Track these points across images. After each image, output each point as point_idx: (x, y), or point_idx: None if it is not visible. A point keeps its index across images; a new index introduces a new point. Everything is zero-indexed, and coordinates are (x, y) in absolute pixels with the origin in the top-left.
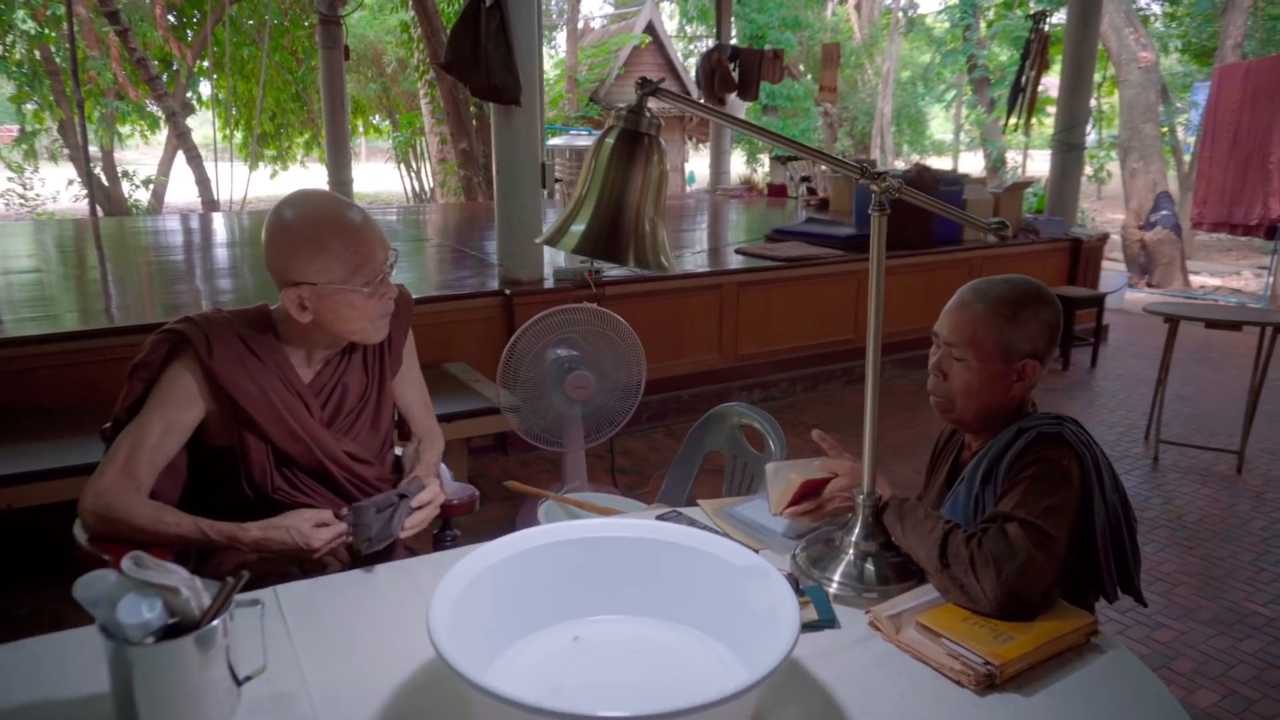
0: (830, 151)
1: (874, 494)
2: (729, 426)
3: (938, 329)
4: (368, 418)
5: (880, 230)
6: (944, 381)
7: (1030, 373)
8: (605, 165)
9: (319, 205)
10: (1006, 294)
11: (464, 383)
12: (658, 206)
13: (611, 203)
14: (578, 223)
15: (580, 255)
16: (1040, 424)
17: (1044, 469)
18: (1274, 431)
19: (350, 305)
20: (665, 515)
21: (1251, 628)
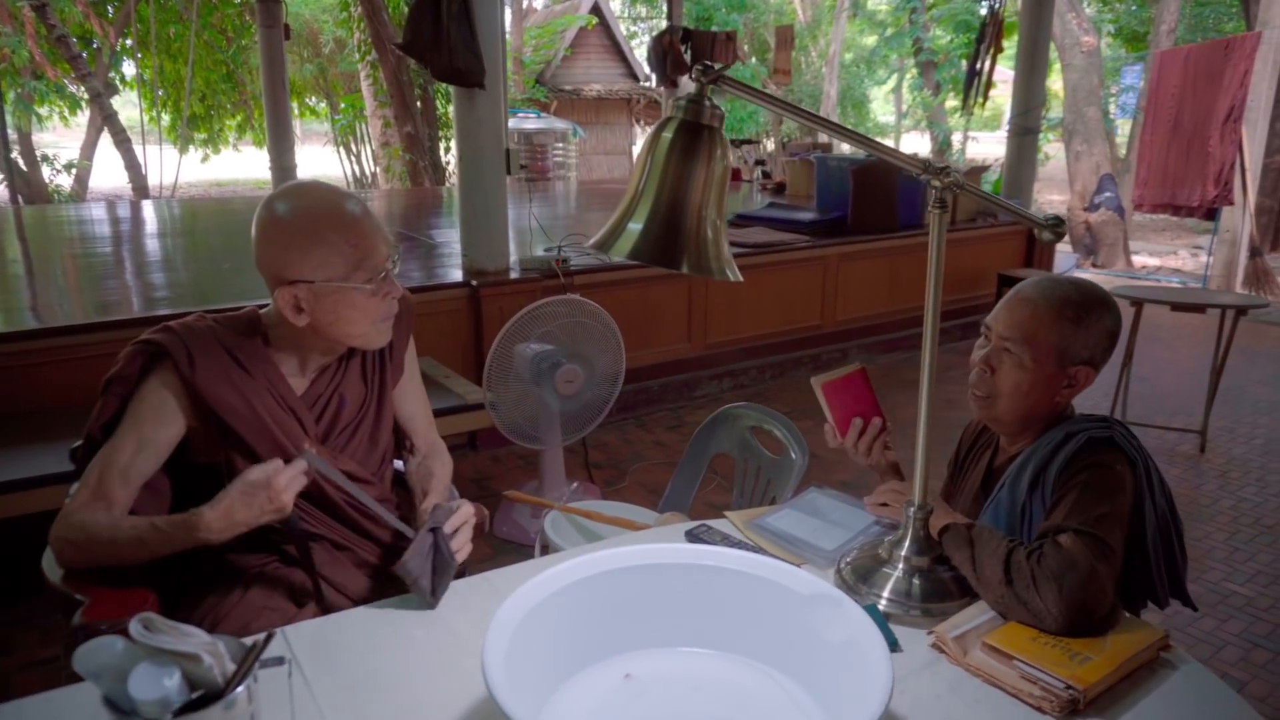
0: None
1: (925, 506)
2: (739, 429)
3: (991, 321)
4: (366, 432)
5: (939, 229)
6: (990, 377)
7: (1082, 381)
8: (663, 161)
9: (315, 196)
10: (1072, 295)
11: (432, 379)
12: (720, 208)
13: (670, 203)
14: (632, 225)
15: (635, 260)
16: (1090, 428)
17: (1097, 475)
18: (1231, 410)
19: (351, 305)
20: (695, 530)
21: (1233, 608)
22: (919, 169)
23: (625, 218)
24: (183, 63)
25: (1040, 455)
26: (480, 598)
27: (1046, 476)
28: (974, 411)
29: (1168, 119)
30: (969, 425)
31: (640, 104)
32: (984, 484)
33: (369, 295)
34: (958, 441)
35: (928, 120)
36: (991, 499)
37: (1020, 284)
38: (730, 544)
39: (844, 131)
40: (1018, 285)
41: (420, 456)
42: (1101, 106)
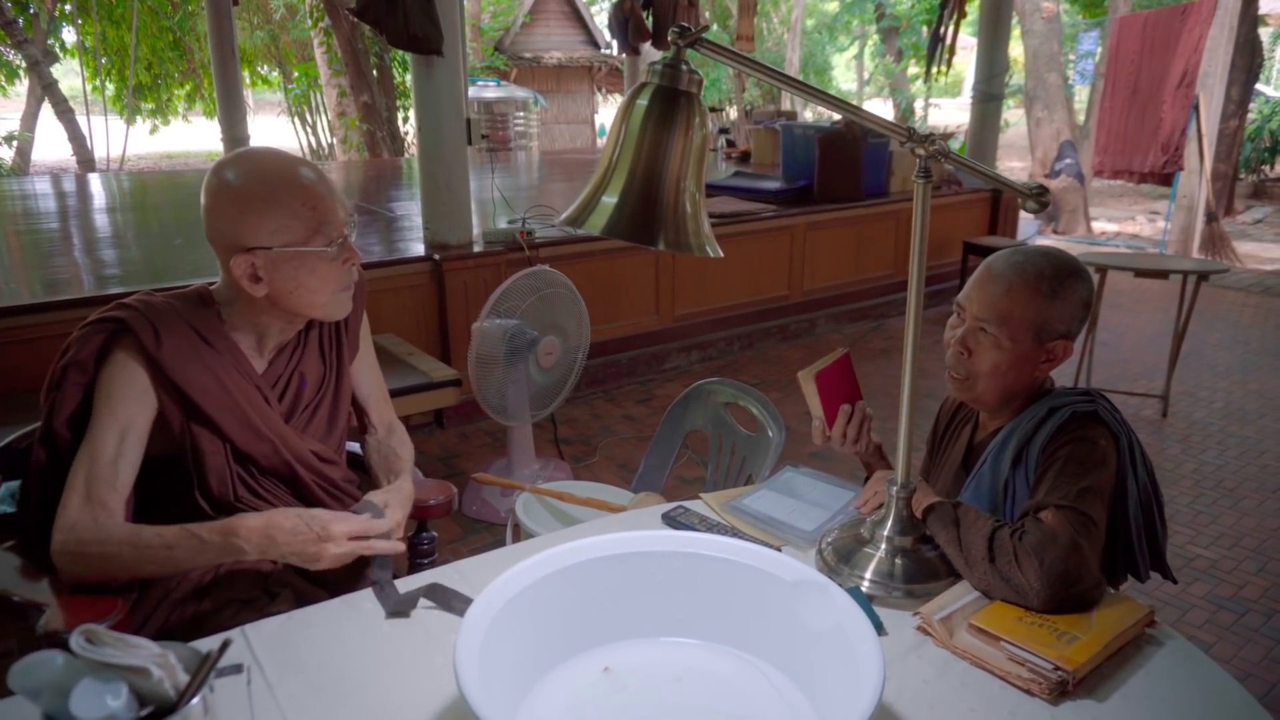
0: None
1: (908, 484)
2: (713, 405)
3: (964, 301)
4: (326, 411)
5: (924, 198)
6: (968, 359)
7: (1061, 354)
8: (638, 130)
9: (268, 160)
10: (1046, 269)
11: (396, 356)
12: (699, 179)
13: (646, 175)
14: (606, 199)
15: (610, 237)
16: (1074, 402)
17: (1079, 449)
18: (1191, 374)
19: (311, 272)
20: (672, 513)
21: (1199, 571)
22: (903, 136)
23: (598, 191)
24: (126, 29)
25: (1023, 431)
26: (451, 588)
27: (1029, 452)
28: (953, 392)
29: (1126, 85)
30: (946, 400)
31: (602, 72)
32: (965, 461)
33: (329, 261)
34: (935, 417)
35: (890, 87)
36: (973, 476)
37: (990, 259)
38: (708, 527)
39: (827, 98)
40: (988, 261)
41: (379, 436)
42: (1062, 73)
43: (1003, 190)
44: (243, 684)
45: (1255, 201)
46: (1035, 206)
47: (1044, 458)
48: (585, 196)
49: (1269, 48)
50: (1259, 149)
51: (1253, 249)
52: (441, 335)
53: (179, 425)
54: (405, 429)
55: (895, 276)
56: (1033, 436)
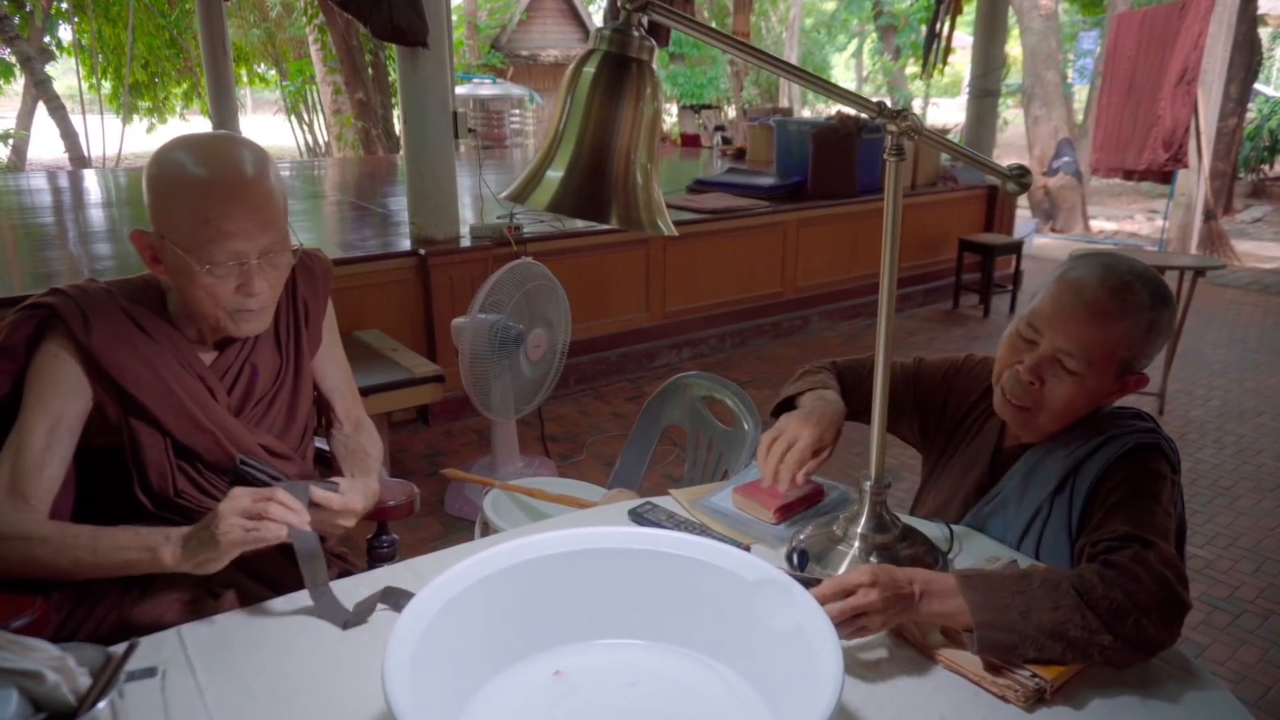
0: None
1: (881, 479)
2: (690, 399)
3: (1041, 323)
4: (283, 405)
5: (896, 177)
6: (1036, 389)
7: (1134, 387)
8: (584, 100)
9: (206, 154)
10: (1146, 299)
11: (380, 352)
12: (651, 152)
13: (594, 147)
14: (551, 175)
15: (556, 212)
16: (1134, 430)
17: (1153, 484)
18: (1187, 373)
19: (190, 279)
20: (640, 509)
21: (1194, 570)
22: (873, 112)
23: (544, 164)
24: (123, 27)
25: (1074, 456)
26: (404, 590)
27: (1077, 481)
28: (1005, 418)
29: (1123, 82)
30: (951, 366)
31: None
32: (991, 469)
33: (212, 279)
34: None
35: (888, 85)
36: (996, 494)
37: (1076, 274)
38: (675, 524)
39: (786, 68)
40: (1072, 276)
41: (346, 431)
42: (1060, 70)
43: (984, 172)
44: (156, 688)
45: (1254, 200)
46: (1016, 187)
47: (1105, 491)
48: (530, 170)
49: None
50: (1258, 148)
51: (1251, 247)
52: (427, 331)
53: (116, 417)
54: (374, 426)
55: None
56: (1083, 464)
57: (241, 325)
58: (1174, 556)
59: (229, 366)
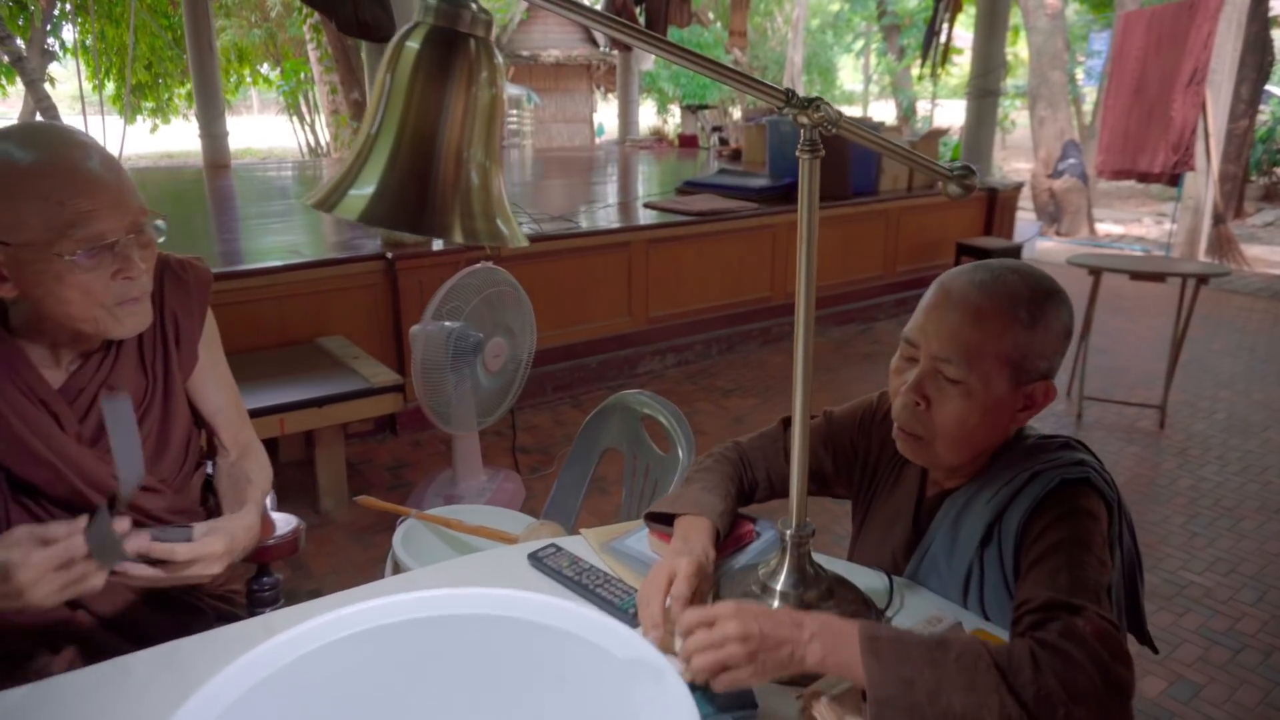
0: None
1: (804, 526)
2: (630, 419)
3: (915, 336)
4: (150, 432)
5: (811, 178)
6: (924, 411)
7: (1041, 399)
8: (406, 84)
9: (33, 140)
10: (1021, 289)
11: (340, 359)
12: (491, 148)
13: (416, 143)
14: (365, 175)
15: (370, 224)
16: (1059, 464)
17: (1080, 529)
18: (1191, 383)
19: (59, 280)
20: (540, 553)
21: (1191, 600)
22: (780, 100)
23: (357, 164)
24: (125, 28)
25: (997, 500)
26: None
27: (1003, 529)
28: (902, 451)
29: (1131, 83)
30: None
31: (600, 70)
32: (915, 520)
33: (86, 271)
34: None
35: (893, 86)
36: (923, 551)
37: (944, 278)
38: (576, 570)
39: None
40: (941, 281)
41: (231, 459)
42: (1066, 71)
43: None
44: None
45: (1266, 204)
46: (957, 189)
47: (1029, 541)
48: (341, 172)
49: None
50: (1270, 150)
51: (1261, 252)
52: (395, 337)
53: None
54: (264, 450)
55: (884, 278)
56: (1006, 508)
57: (126, 321)
58: (1107, 626)
59: (81, 390)
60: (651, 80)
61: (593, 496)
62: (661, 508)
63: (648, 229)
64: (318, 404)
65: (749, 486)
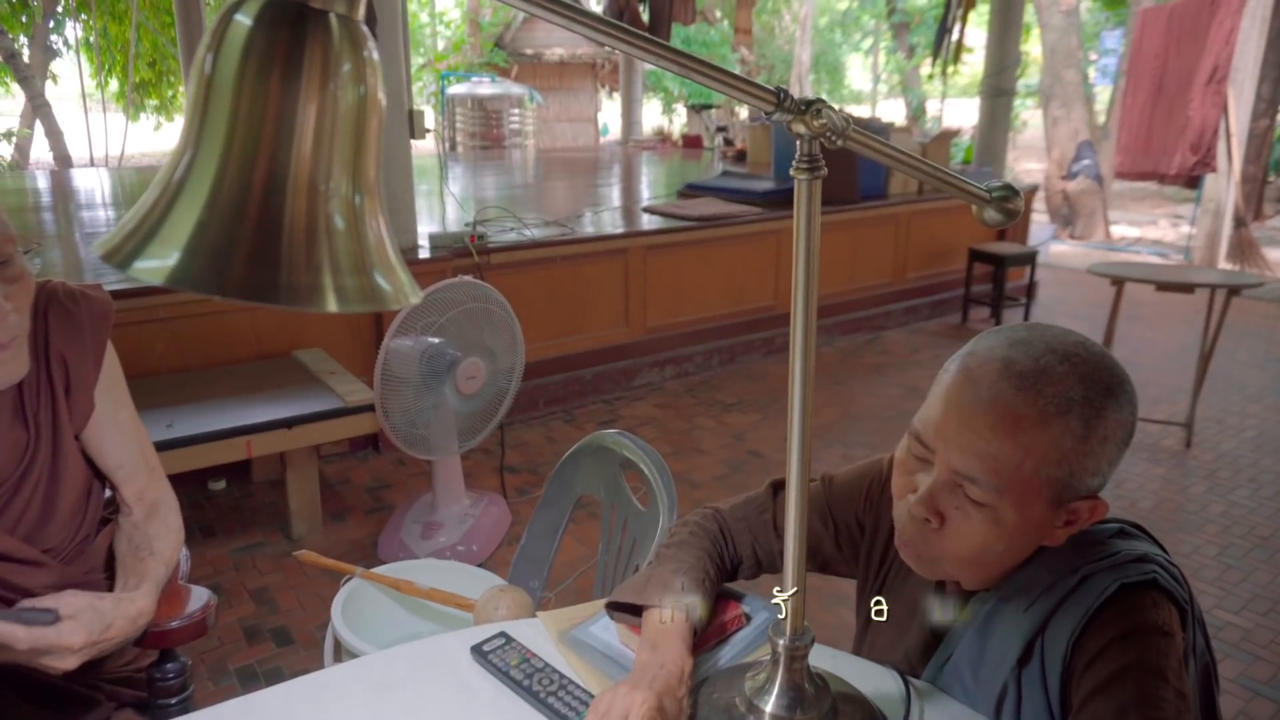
0: None
1: (802, 635)
2: (608, 464)
3: (929, 436)
4: (33, 495)
5: (809, 200)
6: (935, 531)
7: (1087, 515)
8: (233, 81)
9: None
10: (1074, 388)
11: (315, 375)
12: (360, 175)
13: (249, 169)
14: (175, 219)
15: (181, 288)
16: (1115, 565)
17: (1150, 651)
18: (1217, 398)
19: None
20: (485, 646)
21: (1228, 644)
22: (771, 103)
23: (164, 202)
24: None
25: (1036, 612)
26: None
27: (1046, 646)
28: (904, 559)
29: (1149, 82)
30: (879, 483)
31: (605, 68)
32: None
33: None
34: (863, 493)
35: (902, 85)
36: (943, 653)
37: (971, 356)
38: (526, 671)
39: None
40: (966, 359)
41: (135, 519)
42: (1081, 69)
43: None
44: None
45: None
46: (999, 215)
47: (1082, 664)
48: (142, 209)
49: None
50: None
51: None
52: (376, 351)
53: None
54: (176, 507)
55: (893, 285)
56: (1049, 621)
57: None
58: None
59: None
60: (656, 79)
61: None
62: (626, 596)
63: (646, 235)
64: (287, 425)
65: (731, 565)
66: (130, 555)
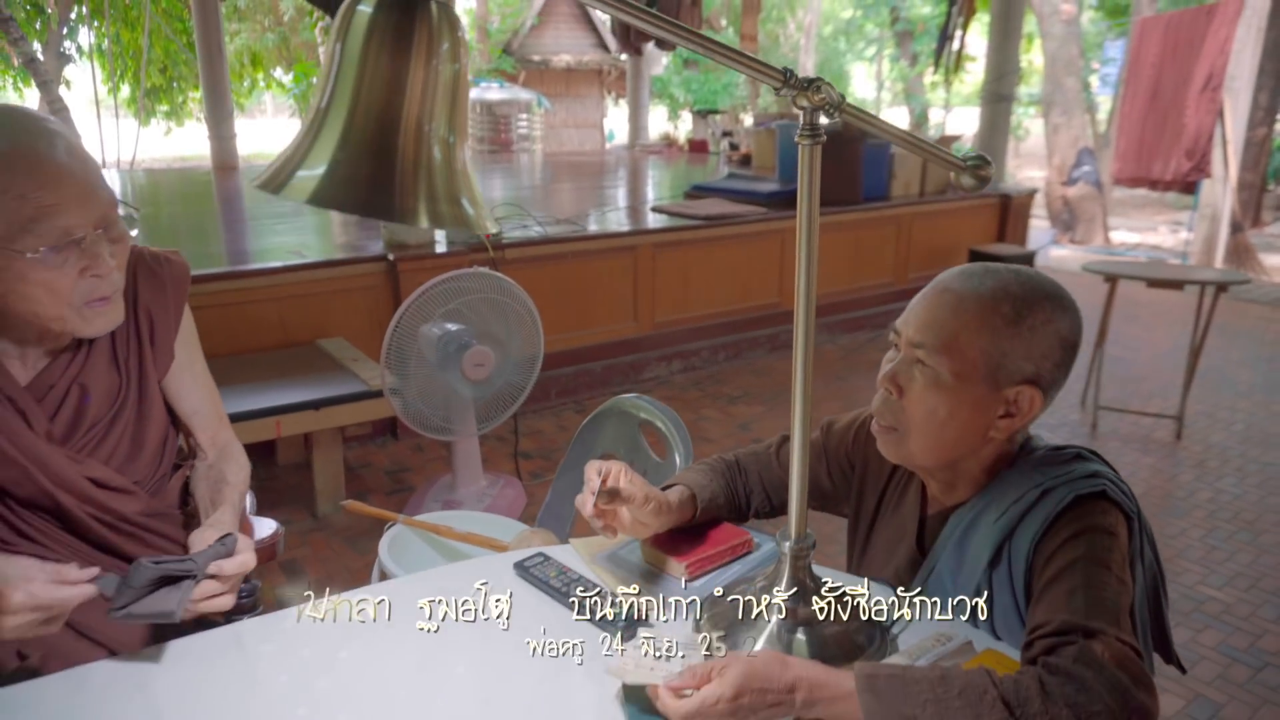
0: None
1: (805, 538)
2: (626, 423)
3: (900, 325)
4: (124, 432)
5: (810, 166)
6: (897, 399)
7: (1025, 407)
8: (359, 54)
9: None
10: (1011, 287)
11: (339, 362)
12: (456, 122)
13: (371, 116)
14: (315, 154)
15: (321, 205)
16: (1071, 477)
17: (1097, 546)
18: (1209, 394)
19: (22, 278)
20: (527, 561)
21: (1209, 616)
22: (778, 80)
23: (307, 142)
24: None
25: (1006, 519)
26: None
27: (1013, 548)
28: (881, 449)
29: (1146, 89)
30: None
31: (611, 75)
32: (919, 540)
33: (53, 269)
34: (853, 433)
35: (905, 93)
36: (928, 568)
37: (944, 273)
38: (564, 580)
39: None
40: (940, 275)
41: (209, 460)
42: (1081, 78)
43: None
44: None
45: None
46: (971, 181)
47: (1044, 560)
48: (289, 152)
49: None
50: None
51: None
52: None
53: None
54: (244, 451)
55: (895, 285)
56: (1016, 528)
57: (95, 321)
58: (1127, 650)
59: (50, 387)
60: (662, 85)
61: None
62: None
63: (654, 233)
64: (314, 406)
65: (744, 494)
66: (209, 492)
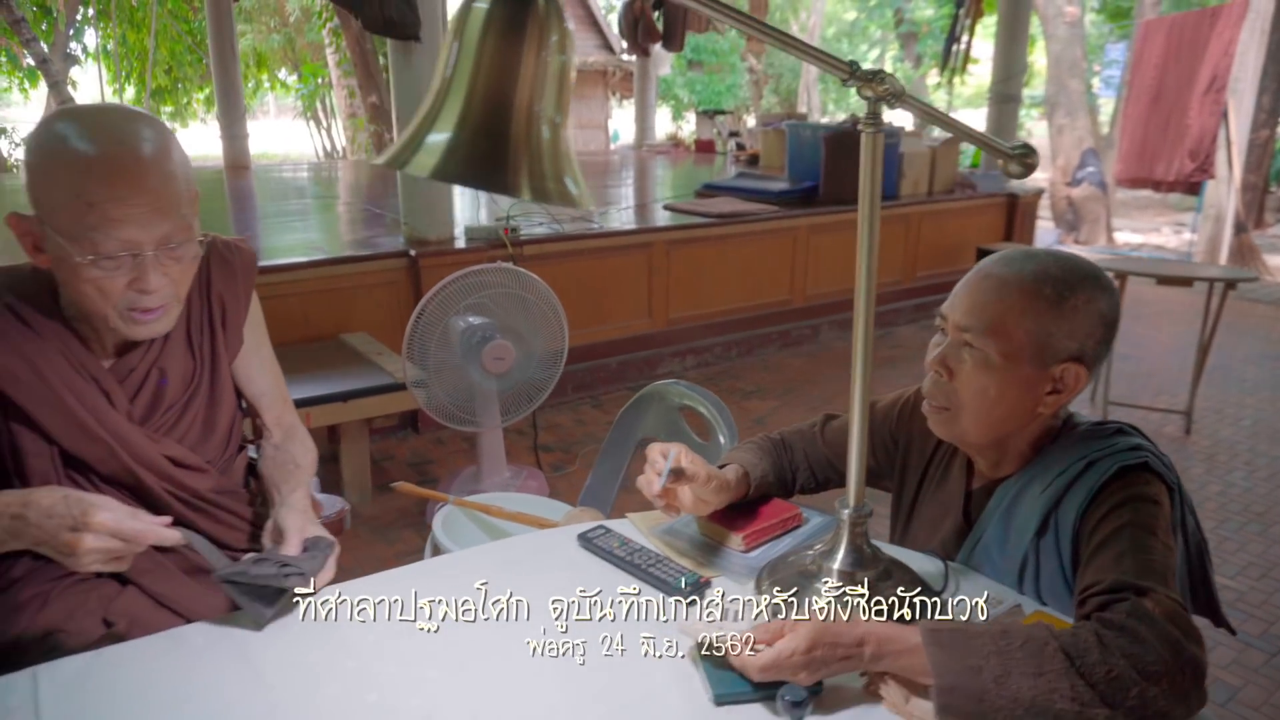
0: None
1: (862, 506)
2: (666, 408)
3: (946, 310)
4: (198, 413)
5: (874, 153)
6: (948, 381)
7: (1071, 383)
8: (476, 42)
9: (87, 120)
10: (1053, 270)
11: (364, 355)
12: (561, 105)
13: (487, 100)
14: (436, 132)
15: (442, 179)
16: (1114, 450)
17: (1143, 515)
18: (1216, 390)
19: (75, 273)
20: (591, 534)
21: (1224, 603)
22: (845, 73)
23: (428, 122)
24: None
25: (1052, 490)
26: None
27: (1059, 518)
28: (932, 428)
29: (1149, 91)
30: (910, 405)
31: (616, 77)
32: (965, 511)
33: (101, 272)
34: (896, 412)
35: None
36: (974, 539)
37: (985, 259)
38: (628, 550)
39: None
40: (981, 261)
41: (275, 441)
42: (1085, 79)
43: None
44: None
45: None
46: (1019, 169)
47: (1089, 528)
48: (411, 132)
49: None
50: None
51: None
52: None
53: None
54: (308, 434)
55: (903, 283)
56: (1062, 499)
57: (134, 327)
58: (1176, 605)
59: (131, 370)
60: (667, 86)
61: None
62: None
63: (668, 230)
64: (342, 398)
65: (791, 469)
66: (278, 472)
